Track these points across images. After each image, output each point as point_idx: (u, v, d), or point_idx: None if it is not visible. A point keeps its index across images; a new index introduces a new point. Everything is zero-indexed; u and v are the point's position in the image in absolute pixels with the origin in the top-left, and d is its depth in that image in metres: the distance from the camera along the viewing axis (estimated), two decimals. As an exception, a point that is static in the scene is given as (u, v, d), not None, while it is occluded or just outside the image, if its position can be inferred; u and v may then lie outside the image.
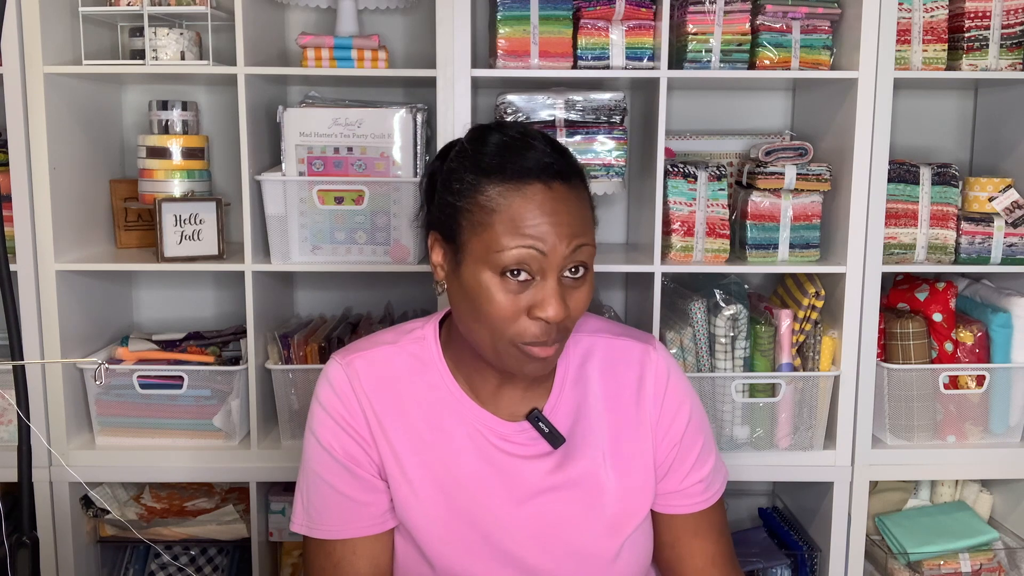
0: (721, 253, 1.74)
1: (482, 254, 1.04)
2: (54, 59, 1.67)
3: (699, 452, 1.21)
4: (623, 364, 1.21)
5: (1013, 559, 1.86)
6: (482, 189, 1.05)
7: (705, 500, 1.21)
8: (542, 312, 1.03)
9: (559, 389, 1.18)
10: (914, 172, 1.75)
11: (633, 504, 1.17)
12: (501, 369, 1.10)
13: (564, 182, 1.05)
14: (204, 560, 1.87)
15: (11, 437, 1.76)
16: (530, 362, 1.07)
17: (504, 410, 1.17)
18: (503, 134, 1.09)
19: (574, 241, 1.04)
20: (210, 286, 2.06)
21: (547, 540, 1.14)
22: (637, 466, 1.18)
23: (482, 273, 1.04)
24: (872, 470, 1.78)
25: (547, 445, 1.16)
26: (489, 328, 1.05)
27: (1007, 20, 1.73)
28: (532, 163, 1.05)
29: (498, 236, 1.02)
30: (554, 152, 1.08)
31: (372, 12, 1.95)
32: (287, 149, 1.72)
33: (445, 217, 1.09)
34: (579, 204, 1.07)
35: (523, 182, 1.03)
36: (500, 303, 1.03)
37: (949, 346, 1.79)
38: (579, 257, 1.05)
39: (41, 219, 1.67)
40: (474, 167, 1.07)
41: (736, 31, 1.70)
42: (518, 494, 1.14)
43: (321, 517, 1.15)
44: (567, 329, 1.08)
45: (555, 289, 1.03)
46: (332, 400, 1.15)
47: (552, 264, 1.03)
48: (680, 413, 1.20)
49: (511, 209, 1.03)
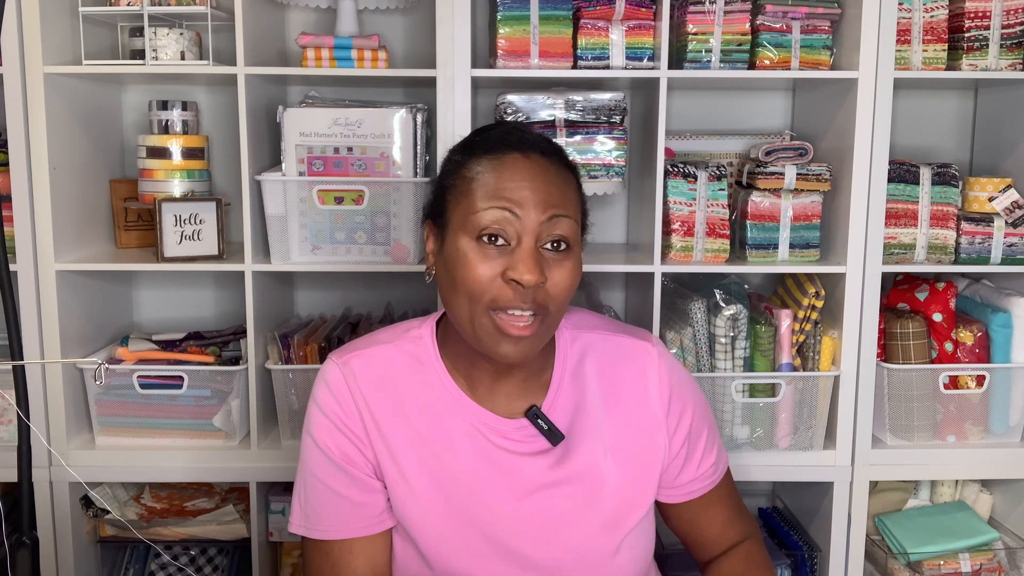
0: (721, 253, 1.74)
1: (461, 221, 1.07)
2: (54, 59, 1.67)
3: (706, 439, 1.25)
4: (622, 361, 1.21)
5: (1013, 559, 1.86)
6: (466, 164, 1.11)
7: (716, 479, 1.26)
8: (515, 273, 1.03)
9: (557, 385, 1.19)
10: (914, 172, 1.75)
11: (633, 500, 1.18)
12: (479, 349, 1.09)
13: (544, 156, 1.09)
14: (204, 560, 1.87)
15: (11, 437, 1.76)
16: (504, 340, 1.06)
17: (502, 407, 1.17)
18: (502, 125, 1.16)
19: (549, 210, 1.05)
20: (210, 286, 2.06)
21: (547, 536, 1.14)
22: (638, 462, 1.19)
23: (461, 240, 1.07)
24: (872, 470, 1.78)
25: (546, 442, 1.16)
26: (467, 295, 1.06)
27: (1007, 20, 1.73)
28: (515, 138, 1.10)
29: (475, 200, 1.06)
30: (543, 139, 1.13)
31: (372, 12, 1.95)
32: (287, 149, 1.72)
33: (435, 199, 1.14)
34: (560, 179, 1.09)
35: (503, 152, 1.09)
36: (476, 268, 1.05)
37: (949, 346, 1.79)
38: (557, 229, 1.06)
39: (41, 219, 1.67)
40: (463, 149, 1.15)
41: (736, 31, 1.70)
42: (517, 491, 1.15)
43: (318, 518, 1.16)
44: (546, 308, 1.06)
45: (531, 251, 1.04)
46: (328, 401, 1.16)
47: (528, 228, 1.05)
48: (686, 409, 1.22)
49: (489, 175, 1.07)
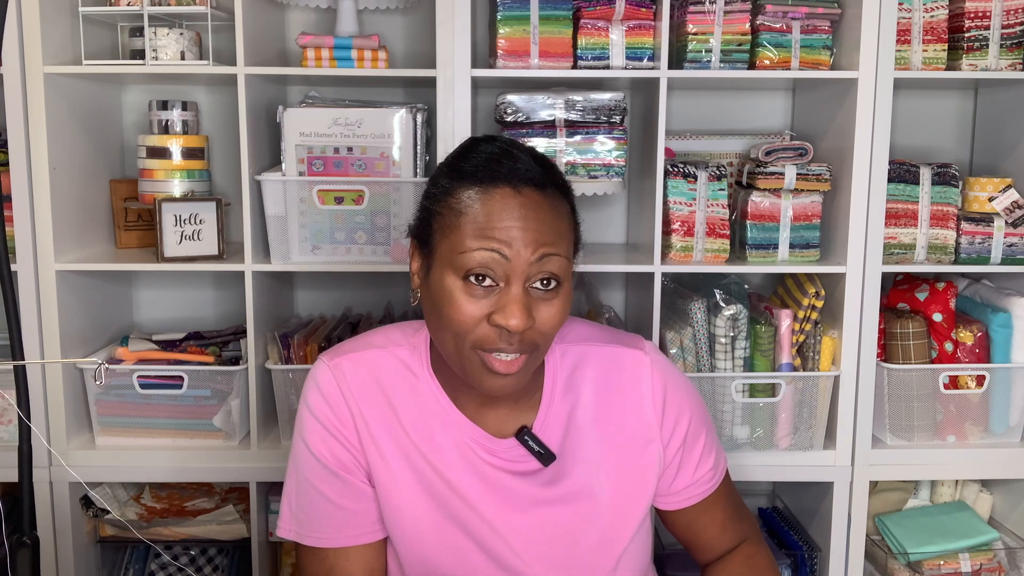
0: (721, 253, 1.74)
1: (448, 257, 1.02)
2: (54, 59, 1.67)
3: (704, 443, 1.22)
4: (615, 371, 1.18)
5: (1013, 559, 1.86)
6: (454, 192, 1.04)
7: (714, 484, 1.23)
8: (502, 319, 0.99)
9: (548, 403, 1.15)
10: (914, 172, 1.75)
11: (628, 514, 1.15)
12: (466, 380, 1.06)
13: (537, 189, 1.03)
14: (204, 560, 1.87)
15: (11, 437, 1.76)
16: (491, 376, 1.03)
17: (492, 427, 1.13)
18: (490, 145, 1.08)
19: (540, 249, 1.00)
20: (210, 286, 2.06)
21: (542, 553, 1.12)
22: (632, 476, 1.16)
23: (447, 277, 1.02)
24: (872, 470, 1.78)
25: (537, 462, 1.13)
26: (452, 334, 1.02)
27: (1007, 20, 1.73)
28: (506, 169, 1.03)
29: (463, 238, 1.00)
30: (535, 163, 1.05)
31: (372, 12, 1.95)
32: (287, 149, 1.72)
33: (421, 222, 1.09)
34: (552, 213, 1.03)
35: (492, 185, 1.02)
36: (462, 308, 1.00)
37: (949, 346, 1.79)
38: (547, 267, 1.01)
39: (41, 219, 1.67)
40: (450, 172, 1.06)
41: (736, 31, 1.70)
42: (511, 507, 1.12)
43: (313, 525, 1.13)
44: (534, 345, 1.03)
45: (518, 297, 1.00)
46: (320, 405, 1.13)
47: (516, 270, 1.00)
48: (682, 415, 1.19)
49: (478, 211, 1.01)
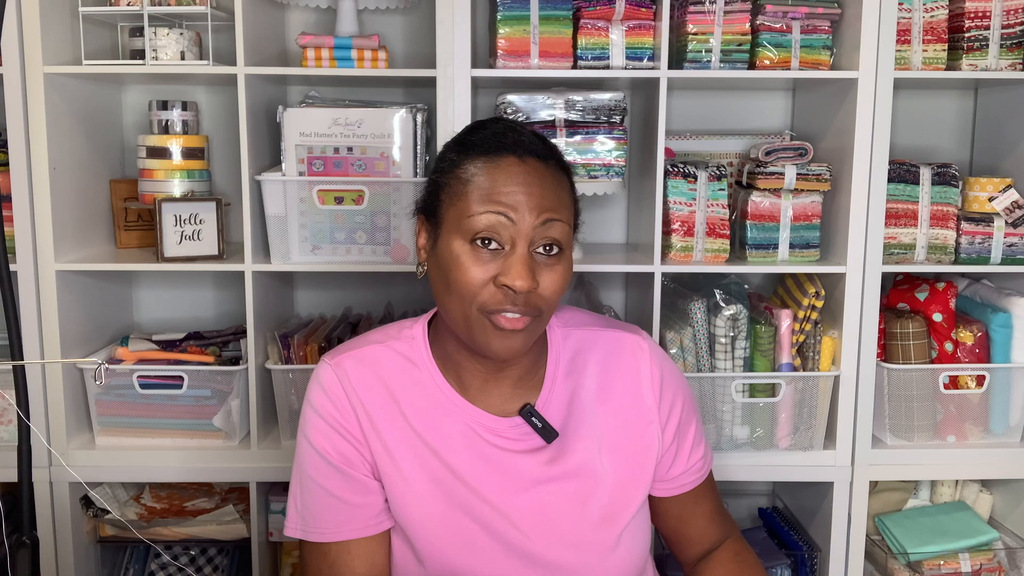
0: (721, 253, 1.74)
1: (455, 223, 1.07)
2: (54, 59, 1.67)
3: (695, 432, 1.26)
4: (614, 356, 1.22)
5: (1013, 559, 1.86)
6: (461, 164, 1.10)
7: (704, 473, 1.27)
8: (508, 279, 1.04)
9: (551, 382, 1.19)
10: (914, 172, 1.75)
11: (629, 493, 1.18)
12: (473, 347, 1.10)
13: (539, 160, 1.10)
14: (204, 560, 1.87)
15: (11, 437, 1.76)
16: (498, 336, 1.07)
17: (495, 406, 1.17)
18: (496, 124, 1.14)
19: (544, 214, 1.06)
20: (210, 286, 2.06)
21: (547, 531, 1.14)
22: (633, 455, 1.19)
23: (454, 242, 1.07)
24: (872, 470, 1.78)
25: (540, 439, 1.16)
26: (459, 297, 1.07)
27: (1007, 20, 1.73)
28: (511, 141, 1.10)
29: (470, 203, 1.06)
30: (538, 140, 1.12)
31: (372, 12, 1.95)
32: (287, 149, 1.72)
33: (429, 195, 1.14)
34: (554, 183, 1.09)
35: (498, 155, 1.09)
36: (469, 271, 1.05)
37: (949, 346, 1.79)
38: (551, 233, 1.07)
39: (41, 219, 1.67)
40: (457, 147, 1.14)
41: (736, 31, 1.70)
42: (514, 487, 1.15)
43: (316, 520, 1.15)
44: (538, 309, 1.08)
45: (523, 258, 1.05)
46: (323, 402, 1.16)
47: (521, 233, 1.05)
48: (676, 401, 1.23)
49: (484, 179, 1.07)
